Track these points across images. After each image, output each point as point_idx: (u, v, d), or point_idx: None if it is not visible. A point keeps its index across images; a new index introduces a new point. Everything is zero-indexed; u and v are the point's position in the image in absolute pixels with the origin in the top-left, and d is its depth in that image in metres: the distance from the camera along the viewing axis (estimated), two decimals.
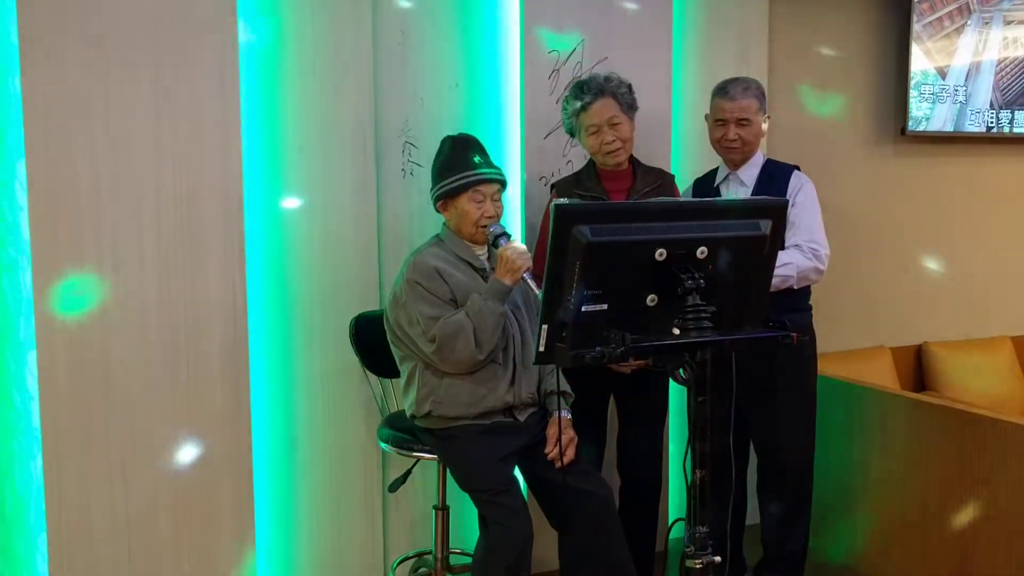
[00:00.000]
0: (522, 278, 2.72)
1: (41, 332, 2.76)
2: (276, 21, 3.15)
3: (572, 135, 3.17)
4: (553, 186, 3.26)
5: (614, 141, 3.04)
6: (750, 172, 3.18)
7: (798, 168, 3.20)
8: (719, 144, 3.17)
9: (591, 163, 3.16)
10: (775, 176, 3.15)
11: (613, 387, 3.22)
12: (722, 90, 3.15)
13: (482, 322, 2.69)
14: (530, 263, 2.73)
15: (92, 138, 2.78)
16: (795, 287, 3.04)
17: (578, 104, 3.05)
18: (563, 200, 2.88)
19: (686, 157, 3.76)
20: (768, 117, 3.20)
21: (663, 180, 3.18)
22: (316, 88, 3.21)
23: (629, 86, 3.09)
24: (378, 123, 3.32)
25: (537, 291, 2.66)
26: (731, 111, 3.11)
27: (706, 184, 3.30)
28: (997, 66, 4.52)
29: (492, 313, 2.70)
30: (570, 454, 2.80)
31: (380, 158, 3.34)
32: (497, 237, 2.78)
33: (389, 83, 3.34)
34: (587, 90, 3.04)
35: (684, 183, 3.44)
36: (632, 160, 3.15)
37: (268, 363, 3.24)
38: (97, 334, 2.82)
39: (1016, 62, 4.55)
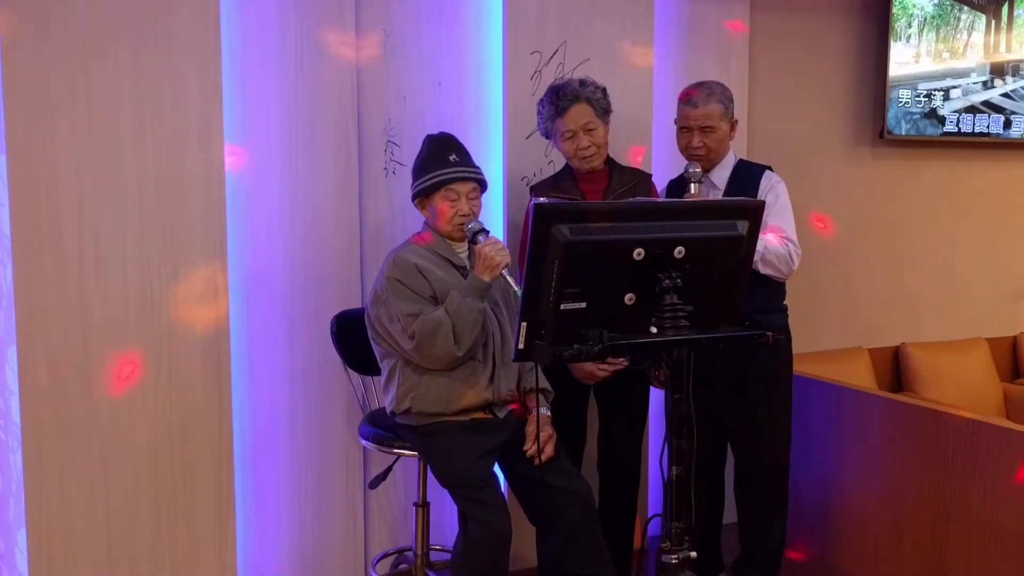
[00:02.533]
0: (501, 275, 2.73)
1: (22, 327, 2.75)
2: (258, 18, 3.15)
3: (547, 138, 3.19)
4: (532, 188, 3.28)
5: (590, 147, 3.05)
6: (722, 174, 3.19)
7: (770, 168, 3.21)
8: (685, 151, 3.18)
9: (568, 165, 3.17)
10: (745, 177, 3.17)
11: (594, 385, 3.24)
12: (686, 97, 3.15)
13: (461, 319, 2.70)
14: (508, 259, 2.74)
15: (73, 133, 2.78)
16: (760, 268, 3.00)
17: (553, 109, 3.05)
18: (543, 200, 2.89)
19: (666, 159, 3.78)
20: (736, 121, 3.20)
21: (639, 180, 3.20)
22: (299, 86, 3.21)
23: (604, 90, 3.10)
24: (361, 122, 3.33)
25: (516, 288, 2.67)
26: (695, 119, 3.11)
27: (679, 186, 3.31)
28: (975, 70, 4.57)
29: (471, 310, 2.71)
30: (549, 451, 2.81)
31: (363, 157, 3.34)
32: (476, 234, 2.79)
33: (372, 82, 3.35)
34: (562, 96, 3.04)
35: (663, 185, 3.46)
36: (608, 161, 3.17)
37: (249, 360, 3.24)
38: (78, 329, 2.82)
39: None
